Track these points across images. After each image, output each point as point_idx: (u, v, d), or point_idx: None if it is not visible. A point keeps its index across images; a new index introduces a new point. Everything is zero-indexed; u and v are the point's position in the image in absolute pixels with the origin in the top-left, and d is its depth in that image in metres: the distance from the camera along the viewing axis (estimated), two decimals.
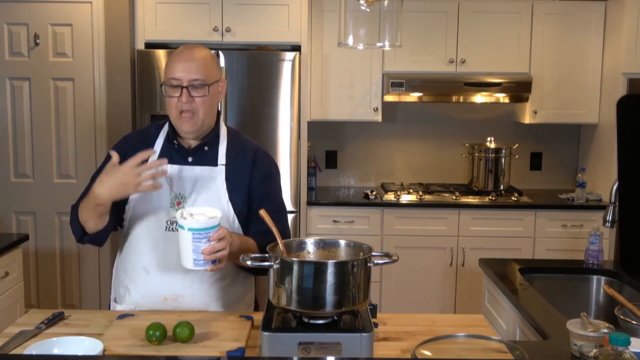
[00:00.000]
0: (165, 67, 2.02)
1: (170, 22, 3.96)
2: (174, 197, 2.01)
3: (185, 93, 1.95)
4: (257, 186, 2.07)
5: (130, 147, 2.07)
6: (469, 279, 4.09)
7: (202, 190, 2.02)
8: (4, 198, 4.04)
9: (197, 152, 2.05)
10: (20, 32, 3.93)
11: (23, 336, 1.76)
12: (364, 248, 1.71)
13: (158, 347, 1.69)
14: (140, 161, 1.83)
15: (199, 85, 1.97)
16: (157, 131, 2.11)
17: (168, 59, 2.03)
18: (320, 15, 4.18)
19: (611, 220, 2.35)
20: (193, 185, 2.02)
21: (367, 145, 4.65)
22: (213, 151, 2.06)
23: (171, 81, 1.96)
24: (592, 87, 4.28)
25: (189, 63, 1.96)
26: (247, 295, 2.18)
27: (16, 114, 4.00)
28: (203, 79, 1.97)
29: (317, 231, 4.08)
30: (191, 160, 2.05)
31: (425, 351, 1.66)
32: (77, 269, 4.10)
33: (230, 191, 2.04)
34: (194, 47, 2.03)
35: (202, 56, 2.00)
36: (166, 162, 1.93)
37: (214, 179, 2.04)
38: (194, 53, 1.99)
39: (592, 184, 4.30)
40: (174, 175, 2.03)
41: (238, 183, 2.05)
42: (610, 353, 1.34)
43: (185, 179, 2.03)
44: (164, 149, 2.07)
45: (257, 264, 1.64)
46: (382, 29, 2.13)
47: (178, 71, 1.96)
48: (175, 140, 2.06)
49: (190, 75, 1.95)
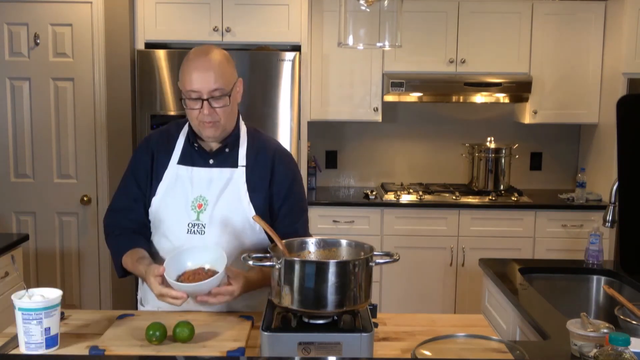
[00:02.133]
0: (181, 75, 1.95)
1: (170, 22, 3.96)
2: (195, 200, 2.00)
3: (206, 105, 1.91)
4: (277, 187, 2.05)
5: (155, 147, 2.08)
6: (469, 279, 4.09)
7: (223, 192, 2.01)
8: (4, 198, 4.04)
9: (218, 154, 2.04)
10: (20, 32, 3.93)
11: None
12: (365, 248, 1.72)
13: (158, 347, 1.69)
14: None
15: (220, 95, 1.92)
16: (178, 131, 2.10)
17: (183, 64, 1.95)
18: (320, 15, 4.18)
19: (611, 220, 2.35)
20: (214, 187, 2.01)
21: (367, 145, 4.65)
22: (233, 153, 2.04)
23: (190, 94, 1.92)
24: (592, 87, 4.28)
25: (207, 73, 1.90)
26: (259, 308, 2.16)
27: (16, 114, 4.00)
28: (223, 89, 1.92)
29: (317, 231, 4.08)
30: (212, 163, 2.03)
31: (425, 351, 1.66)
32: (77, 269, 4.10)
33: (250, 192, 2.02)
34: (208, 51, 1.95)
35: (219, 61, 1.93)
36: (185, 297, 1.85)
37: (234, 181, 2.02)
38: (210, 59, 1.92)
39: (592, 184, 4.30)
40: (195, 178, 2.03)
41: (258, 184, 2.03)
42: (610, 353, 1.34)
43: (207, 181, 2.02)
44: (184, 150, 2.06)
45: (259, 264, 1.64)
46: (382, 29, 2.13)
47: (196, 82, 1.90)
48: (196, 143, 2.04)
49: (209, 85, 1.90)
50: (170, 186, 2.03)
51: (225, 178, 2.02)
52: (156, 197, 2.04)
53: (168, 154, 2.06)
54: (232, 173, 2.03)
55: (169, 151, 2.07)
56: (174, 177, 2.04)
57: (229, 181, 2.02)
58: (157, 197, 2.03)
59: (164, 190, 2.03)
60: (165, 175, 2.04)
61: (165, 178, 2.04)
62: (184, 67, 1.95)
